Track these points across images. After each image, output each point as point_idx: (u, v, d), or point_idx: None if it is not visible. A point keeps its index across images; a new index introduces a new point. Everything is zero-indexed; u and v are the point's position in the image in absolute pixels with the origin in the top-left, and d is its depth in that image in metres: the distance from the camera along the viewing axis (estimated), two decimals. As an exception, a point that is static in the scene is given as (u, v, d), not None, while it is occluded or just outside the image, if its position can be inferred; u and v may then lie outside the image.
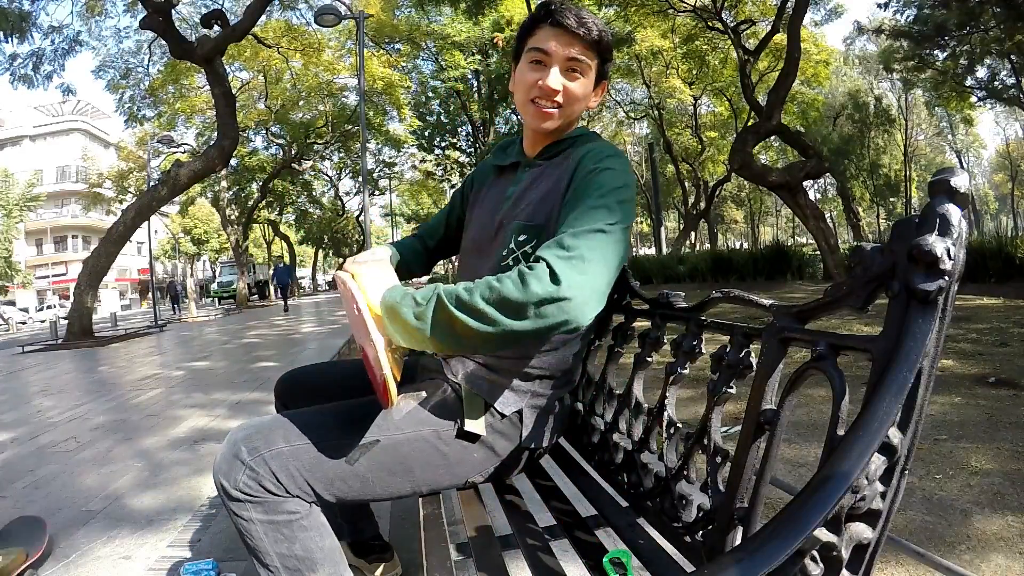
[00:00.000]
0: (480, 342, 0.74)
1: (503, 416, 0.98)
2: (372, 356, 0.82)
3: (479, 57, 19.09)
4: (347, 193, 34.42)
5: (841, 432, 0.59)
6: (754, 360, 0.79)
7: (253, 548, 0.84)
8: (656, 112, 23.19)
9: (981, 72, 18.23)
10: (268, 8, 10.94)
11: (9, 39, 10.28)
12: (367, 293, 0.86)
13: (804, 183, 10.46)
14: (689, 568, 0.83)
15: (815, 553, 0.55)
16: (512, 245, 0.99)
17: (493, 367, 0.99)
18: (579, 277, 0.73)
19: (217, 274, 32.41)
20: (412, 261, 1.26)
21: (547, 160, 1.03)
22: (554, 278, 0.71)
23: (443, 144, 22.80)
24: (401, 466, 0.91)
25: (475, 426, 0.94)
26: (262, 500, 0.82)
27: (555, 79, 0.95)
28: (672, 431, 0.96)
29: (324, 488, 0.86)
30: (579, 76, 0.97)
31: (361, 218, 28.99)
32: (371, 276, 0.89)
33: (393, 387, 0.81)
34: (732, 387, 0.83)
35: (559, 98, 0.97)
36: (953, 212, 0.54)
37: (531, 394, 1.00)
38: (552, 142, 1.03)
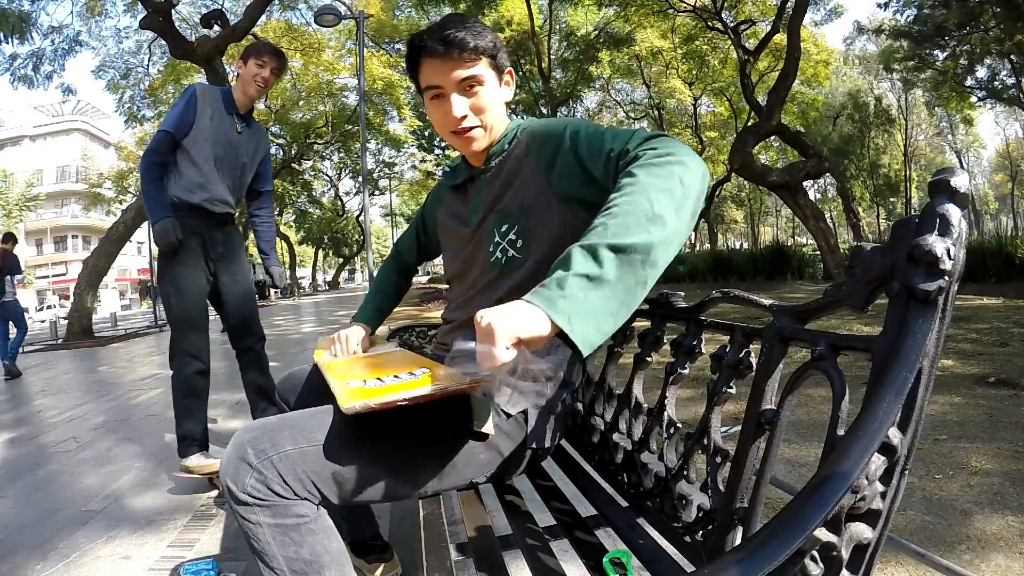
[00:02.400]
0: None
1: (508, 416, 0.98)
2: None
3: (479, 57, 19.09)
4: (347, 193, 34.42)
5: (841, 432, 0.59)
6: (754, 360, 0.79)
7: (259, 551, 0.83)
8: (656, 112, 23.19)
9: (981, 72, 18.24)
10: (268, 8, 10.94)
11: (9, 39, 10.29)
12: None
13: (804, 183, 10.47)
14: (689, 568, 0.83)
15: (815, 553, 0.55)
16: (495, 240, 1.02)
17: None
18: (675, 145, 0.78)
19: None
20: (385, 306, 1.38)
21: (499, 159, 1.05)
22: (665, 154, 0.76)
23: (443, 144, 22.79)
24: (409, 468, 0.91)
25: (485, 427, 0.94)
26: (270, 503, 0.81)
27: (458, 107, 0.97)
28: (672, 431, 0.96)
29: (331, 490, 0.85)
30: (477, 88, 0.97)
31: (361, 218, 28.99)
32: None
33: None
34: (732, 387, 0.83)
35: (472, 121, 0.99)
36: (953, 212, 0.54)
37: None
38: (493, 147, 1.05)
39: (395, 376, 0.86)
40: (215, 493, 2.13)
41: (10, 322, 6.34)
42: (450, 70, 0.94)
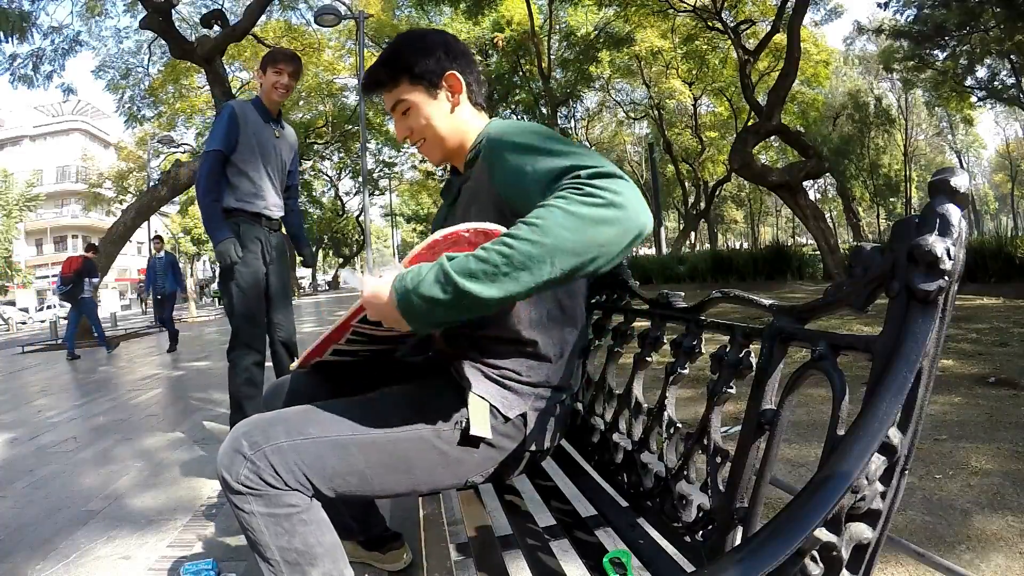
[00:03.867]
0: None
1: (507, 419, 0.98)
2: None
3: (479, 57, 19.09)
4: (347, 193, 34.45)
5: (841, 432, 0.59)
6: (754, 360, 0.79)
7: (254, 541, 0.85)
8: (656, 112, 23.19)
9: (981, 72, 18.25)
10: (268, 8, 10.94)
11: (9, 39, 10.29)
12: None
13: (804, 183, 10.47)
14: (689, 568, 0.83)
15: (815, 553, 0.55)
16: None
17: (498, 371, 0.99)
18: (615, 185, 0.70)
19: (216, 274, 32.43)
20: None
21: (471, 168, 1.04)
22: (595, 194, 0.69)
23: (443, 144, 22.79)
24: (401, 464, 0.92)
25: (481, 430, 0.94)
26: (262, 493, 0.83)
27: (399, 130, 1.05)
28: (672, 431, 0.96)
29: (323, 483, 0.87)
30: (408, 110, 1.02)
31: (361, 218, 28.98)
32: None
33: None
34: (732, 387, 0.83)
35: (415, 138, 1.04)
36: (953, 212, 0.54)
37: (534, 396, 1.00)
38: (469, 151, 1.04)
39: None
40: (217, 493, 2.13)
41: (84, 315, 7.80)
42: (386, 102, 1.04)
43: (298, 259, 2.75)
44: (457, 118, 1.03)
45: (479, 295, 0.68)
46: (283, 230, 2.58)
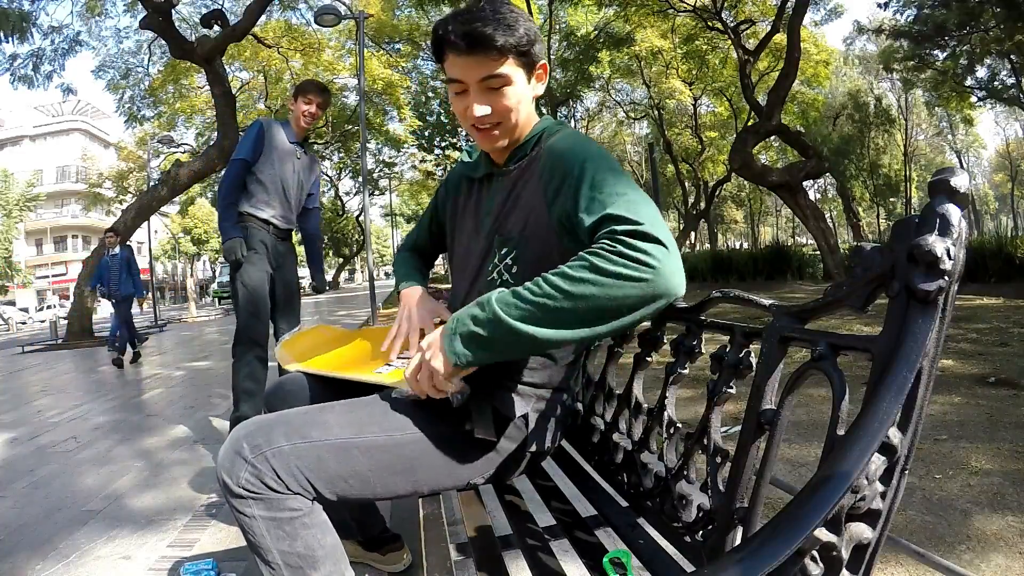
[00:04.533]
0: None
1: (508, 420, 0.98)
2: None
3: (479, 57, 19.09)
4: (347, 193, 34.39)
5: (841, 432, 0.59)
6: (754, 360, 0.79)
7: (255, 545, 0.84)
8: (656, 112, 23.17)
9: (981, 72, 18.22)
10: (268, 8, 10.93)
11: (9, 39, 10.28)
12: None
13: (804, 183, 10.47)
14: (689, 568, 0.83)
15: (815, 553, 0.55)
16: (496, 259, 0.98)
17: (500, 371, 0.99)
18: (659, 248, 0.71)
19: (217, 274, 32.41)
20: (422, 265, 1.32)
21: (517, 164, 1.00)
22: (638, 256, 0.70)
23: (443, 144, 22.77)
24: (403, 466, 0.91)
25: (484, 432, 0.94)
26: (264, 497, 0.83)
27: (479, 107, 0.91)
28: (672, 431, 0.96)
29: (325, 486, 0.86)
30: (501, 88, 0.91)
31: (361, 218, 28.96)
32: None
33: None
34: (732, 387, 0.83)
35: (492, 119, 0.93)
36: (953, 212, 0.54)
37: (535, 398, 1.00)
38: (518, 146, 1.00)
39: (393, 362, 1.07)
40: (217, 492, 2.13)
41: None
42: (473, 68, 0.88)
43: (298, 259, 2.79)
44: (529, 108, 0.97)
45: (521, 331, 0.73)
46: (292, 240, 2.72)
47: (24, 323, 24.65)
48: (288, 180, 2.53)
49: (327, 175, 30.39)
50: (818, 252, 10.99)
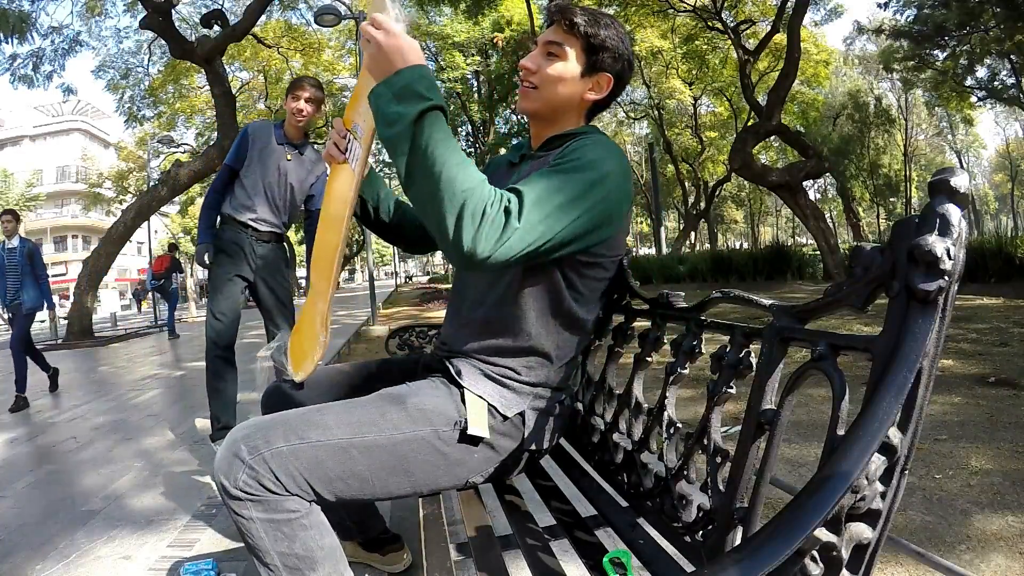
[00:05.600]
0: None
1: (505, 418, 0.98)
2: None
3: (479, 58, 19.08)
4: (347, 193, 34.33)
5: (841, 432, 0.59)
6: (754, 360, 0.79)
7: (253, 547, 0.84)
8: (656, 112, 23.19)
9: (981, 72, 18.24)
10: (268, 8, 10.93)
11: (9, 39, 10.28)
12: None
13: (804, 183, 10.47)
14: (689, 568, 0.83)
15: (815, 553, 0.55)
16: None
17: (497, 369, 0.99)
18: (518, 227, 0.77)
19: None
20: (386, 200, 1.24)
21: (546, 152, 1.04)
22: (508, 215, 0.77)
23: (443, 144, 22.76)
24: (401, 466, 0.91)
25: (479, 429, 0.94)
26: (262, 499, 0.82)
27: (530, 58, 1.03)
28: (672, 431, 0.96)
29: (323, 487, 0.86)
30: (556, 59, 1.00)
31: (361, 218, 28.83)
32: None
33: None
34: (732, 387, 0.83)
35: (535, 79, 1.02)
36: (953, 212, 0.54)
37: (533, 396, 1.00)
38: (554, 135, 1.04)
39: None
40: (215, 493, 2.13)
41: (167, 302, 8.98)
42: (549, 31, 1.02)
43: (298, 259, 2.80)
44: (578, 105, 1.04)
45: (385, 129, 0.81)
46: (283, 242, 2.74)
47: (24, 323, 24.60)
48: (273, 182, 2.53)
49: (327, 175, 30.37)
50: (818, 252, 10.99)
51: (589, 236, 0.88)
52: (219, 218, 2.56)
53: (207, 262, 2.47)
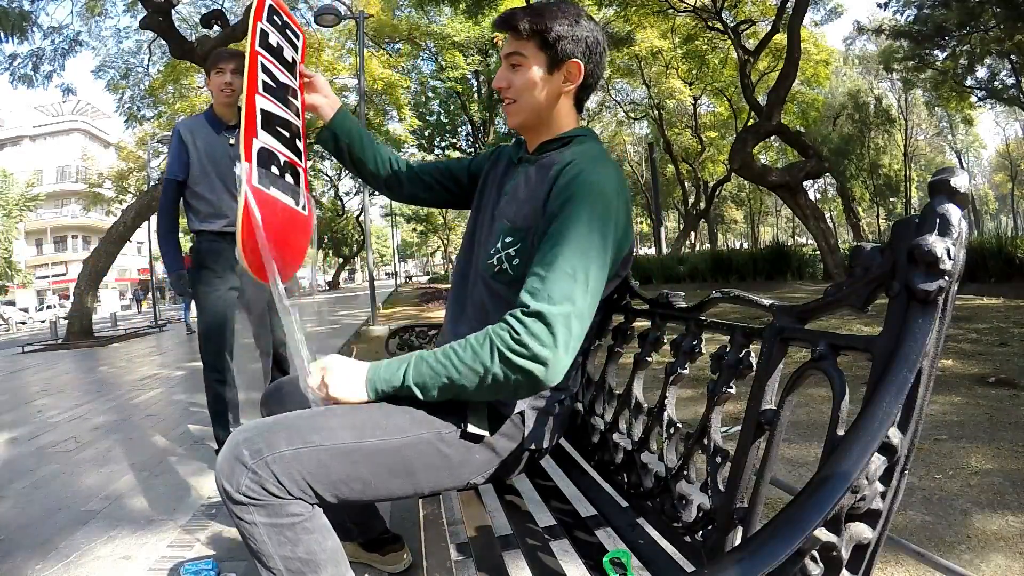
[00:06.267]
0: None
1: (506, 418, 0.98)
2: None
3: (479, 57, 19.07)
4: (347, 193, 34.38)
5: (841, 432, 0.59)
6: (754, 360, 0.79)
7: (256, 551, 0.83)
8: (656, 112, 23.19)
9: (981, 72, 18.24)
10: (268, 8, 10.89)
11: (9, 39, 10.28)
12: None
13: (804, 183, 10.47)
14: (689, 568, 0.83)
15: (815, 553, 0.55)
16: (499, 245, 1.00)
17: None
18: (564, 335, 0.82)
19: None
20: (365, 141, 1.31)
21: (541, 157, 1.04)
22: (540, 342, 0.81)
23: (443, 144, 22.78)
24: (404, 468, 0.91)
25: (479, 428, 0.94)
26: (265, 503, 0.82)
27: (499, 76, 1.03)
28: (672, 431, 0.96)
29: (326, 490, 0.86)
30: (520, 68, 1.00)
31: (361, 218, 28.96)
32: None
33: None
34: (732, 387, 0.83)
35: (511, 94, 1.02)
36: (953, 212, 0.54)
37: (534, 396, 1.00)
38: (546, 140, 1.04)
39: None
40: (217, 492, 2.13)
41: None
42: (505, 44, 1.02)
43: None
44: (560, 103, 1.03)
45: (419, 395, 0.89)
46: None
47: (24, 323, 24.66)
48: (227, 177, 2.29)
49: (327, 175, 30.40)
50: (818, 252, 10.99)
51: (615, 263, 0.93)
52: (193, 235, 2.34)
53: (187, 289, 2.29)
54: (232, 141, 2.30)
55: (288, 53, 1.25)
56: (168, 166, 2.31)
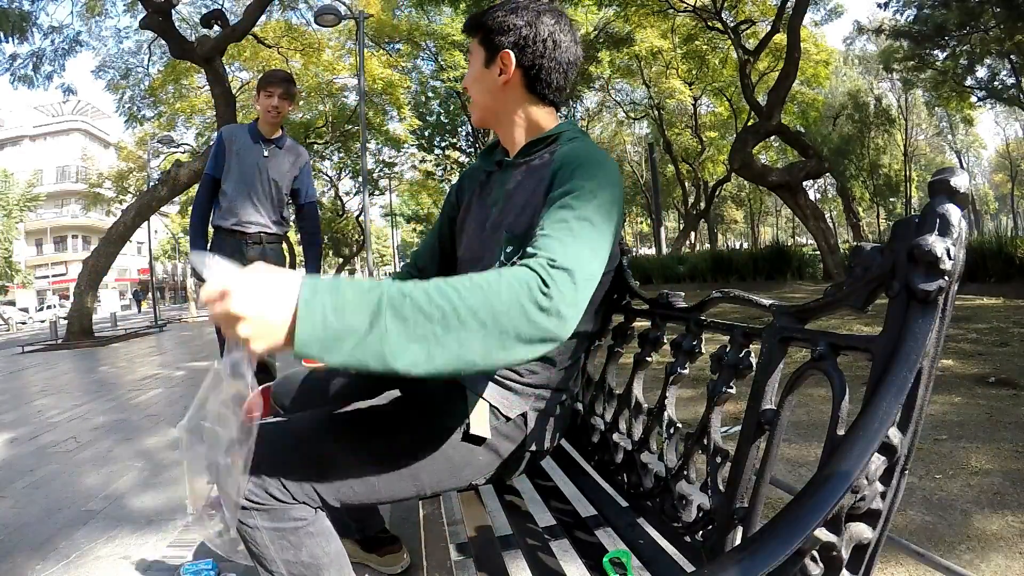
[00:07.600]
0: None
1: (507, 419, 0.98)
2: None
3: (479, 57, 19.10)
4: (347, 193, 34.34)
5: (841, 432, 0.59)
6: (754, 360, 0.79)
7: (258, 555, 0.83)
8: (656, 112, 23.18)
9: (981, 72, 18.23)
10: (268, 8, 10.93)
11: (9, 39, 10.29)
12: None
13: (804, 183, 10.48)
14: (689, 568, 0.83)
15: (815, 553, 0.55)
16: (502, 257, 0.97)
17: (497, 371, 0.99)
18: (571, 293, 0.67)
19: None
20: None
21: (527, 159, 1.00)
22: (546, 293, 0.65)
23: (443, 144, 22.80)
24: (407, 470, 0.91)
25: (480, 429, 0.94)
26: (268, 508, 0.81)
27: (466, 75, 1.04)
28: (672, 431, 0.96)
29: (330, 493, 0.85)
30: (470, 65, 1.02)
31: (361, 218, 28.97)
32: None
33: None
34: (732, 387, 0.83)
35: (468, 92, 1.03)
36: (953, 212, 0.54)
37: (535, 397, 1.00)
38: (531, 141, 1.01)
39: None
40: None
41: None
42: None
43: (298, 259, 2.79)
44: (507, 98, 0.99)
45: (389, 348, 0.57)
46: (279, 243, 2.71)
47: (24, 323, 24.65)
48: (254, 182, 2.49)
49: (327, 175, 30.41)
50: (818, 252, 10.99)
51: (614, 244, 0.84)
52: (214, 229, 2.52)
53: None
54: (266, 152, 2.52)
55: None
56: (207, 165, 2.52)
